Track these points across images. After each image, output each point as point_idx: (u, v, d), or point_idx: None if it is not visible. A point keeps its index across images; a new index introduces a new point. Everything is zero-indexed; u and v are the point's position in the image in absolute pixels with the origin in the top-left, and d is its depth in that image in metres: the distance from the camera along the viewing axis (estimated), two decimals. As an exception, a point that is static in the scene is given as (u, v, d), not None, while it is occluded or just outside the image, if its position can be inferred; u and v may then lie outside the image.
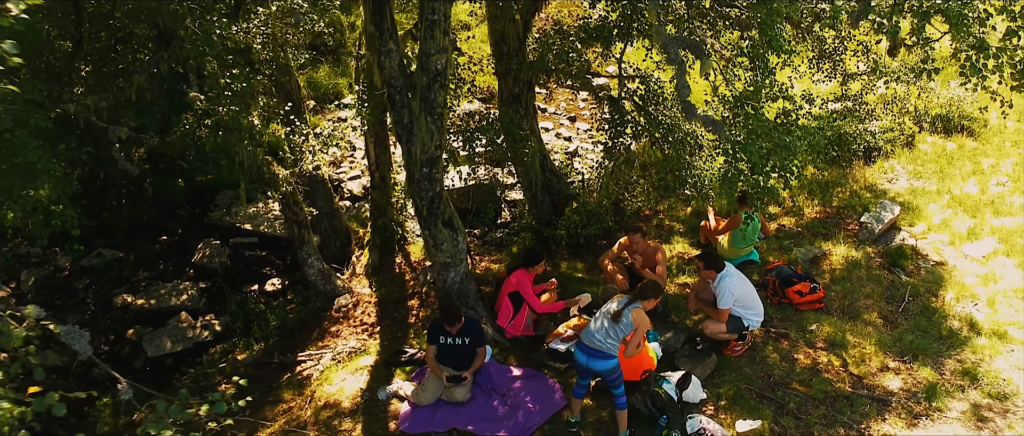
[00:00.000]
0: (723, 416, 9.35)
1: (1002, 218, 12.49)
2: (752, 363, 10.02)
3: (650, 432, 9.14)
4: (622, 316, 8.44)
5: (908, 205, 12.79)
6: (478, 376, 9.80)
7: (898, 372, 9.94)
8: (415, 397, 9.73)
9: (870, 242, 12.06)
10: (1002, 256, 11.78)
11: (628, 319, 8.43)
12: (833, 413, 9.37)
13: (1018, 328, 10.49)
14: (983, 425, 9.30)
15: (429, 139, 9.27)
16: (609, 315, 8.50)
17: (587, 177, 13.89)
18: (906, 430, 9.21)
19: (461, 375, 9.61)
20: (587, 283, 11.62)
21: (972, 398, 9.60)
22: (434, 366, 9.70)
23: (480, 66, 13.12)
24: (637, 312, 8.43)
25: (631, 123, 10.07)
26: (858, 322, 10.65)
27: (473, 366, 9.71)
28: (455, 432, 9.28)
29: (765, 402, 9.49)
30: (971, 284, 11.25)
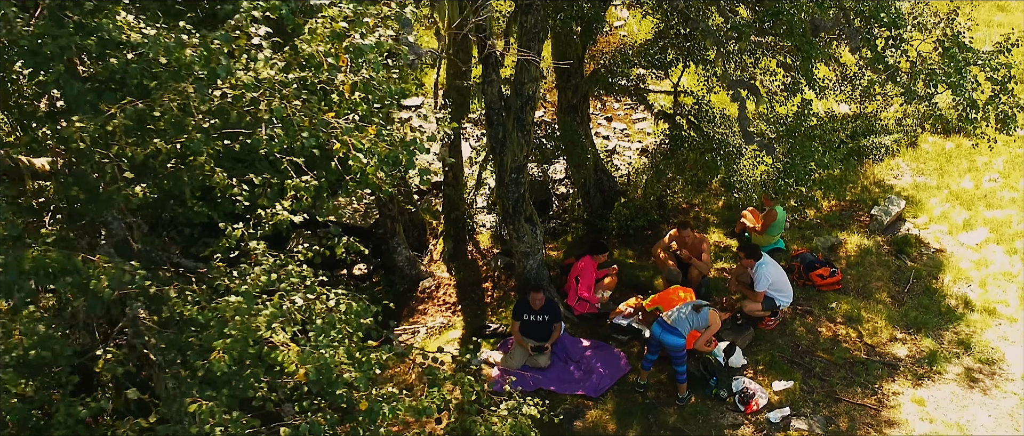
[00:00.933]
0: (761, 378, 11.50)
1: (993, 210, 14.58)
2: (783, 335, 12.16)
3: (702, 391, 11.29)
4: (702, 310, 10.56)
5: (912, 199, 14.87)
6: (555, 346, 11.90)
7: (904, 342, 12.10)
8: (504, 363, 11.83)
9: (879, 232, 14.16)
10: (993, 244, 13.89)
11: (705, 315, 10.55)
12: (851, 375, 11.53)
13: (1005, 306, 12.63)
14: (974, 385, 11.47)
15: (519, 151, 11.32)
16: (691, 306, 10.60)
17: (629, 175, 15.92)
18: (912, 389, 11.37)
19: (543, 345, 11.72)
20: (637, 268, 13.71)
21: (966, 363, 11.77)
22: (520, 338, 11.80)
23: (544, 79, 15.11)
24: (714, 313, 10.58)
25: (686, 138, 12.16)
26: (870, 300, 12.79)
27: (552, 338, 11.81)
28: (541, 392, 11.39)
29: (795, 366, 11.64)
30: (966, 268, 13.37)
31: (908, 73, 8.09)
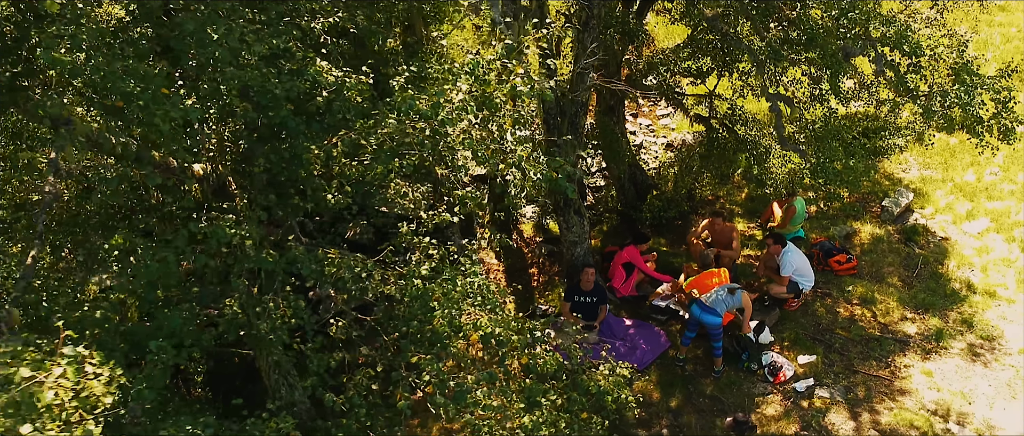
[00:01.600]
0: (787, 352, 13.06)
1: (994, 202, 16.11)
2: (805, 315, 13.71)
3: (735, 364, 12.84)
4: (736, 293, 12.09)
5: (919, 191, 16.39)
6: (602, 325, 13.42)
7: (914, 321, 13.65)
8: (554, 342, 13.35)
9: (890, 222, 15.68)
10: (993, 233, 15.42)
11: (739, 297, 12.09)
12: (867, 350, 13.09)
13: (1004, 289, 14.17)
14: (976, 359, 13.03)
15: (571, 151, 12.81)
16: (726, 289, 12.12)
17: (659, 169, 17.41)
18: (921, 362, 12.94)
19: (591, 324, 13.24)
20: (671, 255, 15.23)
21: (968, 340, 13.33)
22: (570, 317, 13.31)
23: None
24: (746, 295, 12.12)
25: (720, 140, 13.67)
26: (883, 284, 14.33)
27: (599, 318, 13.34)
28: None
29: (817, 342, 13.20)
30: (968, 255, 14.91)
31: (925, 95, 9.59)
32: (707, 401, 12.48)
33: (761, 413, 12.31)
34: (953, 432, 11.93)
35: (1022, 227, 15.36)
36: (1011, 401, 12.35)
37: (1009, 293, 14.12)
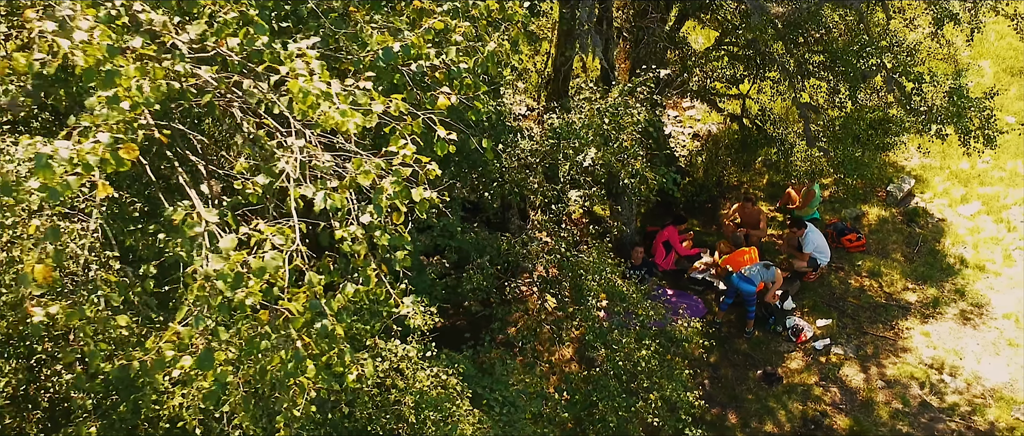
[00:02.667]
0: (807, 317, 15.70)
1: (985, 187, 18.70)
2: (822, 286, 16.33)
3: (764, 327, 15.46)
4: (770, 268, 14.69)
5: (920, 178, 18.98)
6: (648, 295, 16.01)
7: (914, 291, 16.29)
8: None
9: (894, 205, 18.29)
10: (984, 215, 18.03)
11: (773, 272, 14.69)
12: (874, 315, 15.73)
13: (992, 263, 16.79)
14: (967, 322, 15.67)
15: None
16: (762, 264, 14.69)
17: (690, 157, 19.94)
18: (920, 325, 15.58)
19: (641, 294, 15.83)
20: (704, 234, 17.80)
21: (961, 307, 15.97)
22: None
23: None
24: (778, 271, 14.71)
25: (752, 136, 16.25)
26: (888, 259, 16.96)
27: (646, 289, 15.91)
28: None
29: (832, 308, 15.84)
30: (962, 234, 17.53)
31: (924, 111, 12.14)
32: (740, 357, 15.12)
33: (786, 367, 14.97)
34: (946, 382, 14.61)
35: (1009, 210, 17.97)
36: (995, 356, 15.03)
37: (996, 267, 16.75)
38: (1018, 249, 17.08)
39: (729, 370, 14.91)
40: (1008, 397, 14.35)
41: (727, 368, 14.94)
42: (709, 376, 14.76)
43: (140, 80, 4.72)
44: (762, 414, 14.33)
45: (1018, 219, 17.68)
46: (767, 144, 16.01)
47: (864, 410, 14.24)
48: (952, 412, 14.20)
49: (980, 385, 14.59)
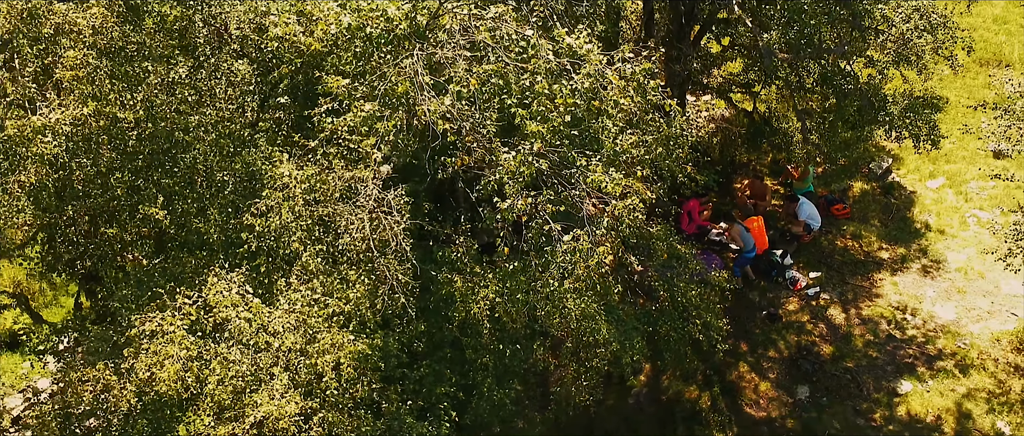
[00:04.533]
0: (802, 270, 20.88)
1: (950, 165, 23.77)
2: (814, 246, 21.49)
3: (768, 279, 20.62)
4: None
5: (896, 157, 24.04)
6: (676, 254, 21.12)
7: (887, 250, 21.46)
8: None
9: (874, 180, 23.37)
10: (947, 188, 23.14)
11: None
12: (855, 269, 20.91)
13: (951, 228, 21.92)
14: (927, 275, 20.86)
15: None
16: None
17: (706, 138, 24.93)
18: (890, 276, 20.77)
19: (671, 253, 20.95)
20: (720, 204, 22.85)
21: (923, 262, 21.15)
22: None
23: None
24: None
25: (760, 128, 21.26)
26: (867, 225, 22.10)
27: (675, 248, 21.03)
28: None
29: (822, 264, 21.02)
30: (928, 204, 22.65)
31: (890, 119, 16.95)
32: (749, 302, 20.31)
33: (785, 309, 20.19)
34: (908, 320, 19.86)
35: (968, 184, 23.10)
36: (947, 301, 20.24)
37: (953, 231, 21.93)
38: (971, 216, 22.26)
39: (741, 311, 20.07)
40: (954, 331, 19.59)
41: (740, 310, 20.09)
42: (726, 316, 19.92)
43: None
44: (766, 344, 19.59)
45: (974, 191, 22.84)
46: (772, 135, 21.04)
47: (844, 340, 19.49)
48: (911, 342, 19.46)
49: (933, 322, 19.82)
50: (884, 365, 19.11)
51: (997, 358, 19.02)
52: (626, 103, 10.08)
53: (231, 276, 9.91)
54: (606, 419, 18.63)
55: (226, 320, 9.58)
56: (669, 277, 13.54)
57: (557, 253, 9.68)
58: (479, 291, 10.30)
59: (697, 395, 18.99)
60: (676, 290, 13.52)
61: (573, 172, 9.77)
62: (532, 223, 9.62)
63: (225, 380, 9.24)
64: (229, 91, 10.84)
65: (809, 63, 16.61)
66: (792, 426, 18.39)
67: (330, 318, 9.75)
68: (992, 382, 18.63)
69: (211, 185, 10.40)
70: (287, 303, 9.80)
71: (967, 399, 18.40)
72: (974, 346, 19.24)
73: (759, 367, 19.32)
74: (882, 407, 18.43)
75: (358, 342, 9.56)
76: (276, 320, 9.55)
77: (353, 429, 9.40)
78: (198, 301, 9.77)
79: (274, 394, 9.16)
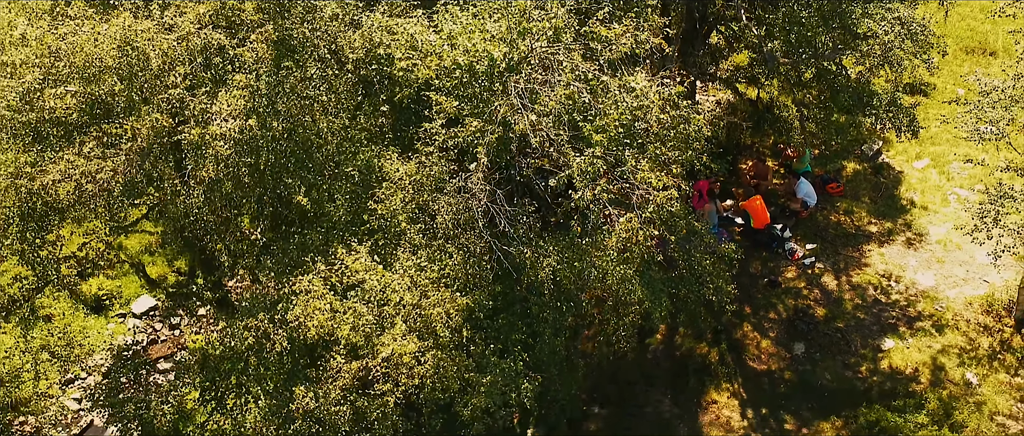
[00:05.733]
0: (799, 243, 24.38)
1: (935, 147, 27.22)
2: (811, 221, 24.99)
3: (770, 250, 24.10)
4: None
5: (886, 140, 27.45)
6: (688, 228, 24.57)
7: (876, 225, 24.95)
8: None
9: (866, 161, 26.82)
10: (932, 168, 26.61)
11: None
12: (847, 241, 24.47)
13: (933, 204, 25.42)
14: (911, 246, 24.41)
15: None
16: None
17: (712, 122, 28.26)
18: (878, 248, 24.30)
19: (683, 227, 24.40)
20: (726, 183, 26.27)
21: (907, 235, 24.67)
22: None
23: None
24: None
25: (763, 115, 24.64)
26: (858, 202, 25.57)
27: (687, 223, 24.48)
28: (684, 251, 24.11)
29: (817, 237, 24.54)
30: (914, 183, 26.11)
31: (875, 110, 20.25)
32: (752, 271, 23.80)
33: (783, 276, 23.74)
34: (892, 286, 23.39)
35: (950, 164, 26.55)
36: (927, 270, 23.77)
37: (936, 207, 25.42)
38: (952, 193, 25.76)
39: (745, 279, 23.57)
40: (932, 296, 23.13)
41: (744, 277, 23.58)
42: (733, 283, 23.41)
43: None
44: (767, 307, 23.14)
45: (956, 171, 26.30)
46: (773, 122, 24.43)
47: (835, 304, 23.04)
48: (894, 305, 23.01)
49: (915, 288, 23.36)
50: (870, 325, 22.65)
51: (969, 319, 22.57)
52: (665, 117, 13.45)
53: (360, 248, 13.25)
54: (628, 371, 22.19)
55: (360, 281, 12.94)
56: (687, 249, 16.86)
57: (615, 231, 13.08)
58: (543, 260, 13.68)
59: (707, 351, 22.53)
60: (693, 260, 16.85)
61: (624, 170, 13.13)
62: (592, 207, 12.96)
63: (357, 327, 12.61)
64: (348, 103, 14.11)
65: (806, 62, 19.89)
66: (789, 377, 21.94)
67: (437, 281, 13.10)
68: (963, 340, 22.17)
69: (338, 177, 13.74)
70: (401, 269, 13.16)
71: (941, 354, 21.95)
72: (949, 309, 22.78)
73: (761, 327, 22.84)
74: (868, 361, 21.97)
75: (460, 298, 12.98)
76: (395, 281, 12.91)
77: (454, 363, 12.87)
78: (339, 267, 13.12)
79: (396, 337, 12.54)
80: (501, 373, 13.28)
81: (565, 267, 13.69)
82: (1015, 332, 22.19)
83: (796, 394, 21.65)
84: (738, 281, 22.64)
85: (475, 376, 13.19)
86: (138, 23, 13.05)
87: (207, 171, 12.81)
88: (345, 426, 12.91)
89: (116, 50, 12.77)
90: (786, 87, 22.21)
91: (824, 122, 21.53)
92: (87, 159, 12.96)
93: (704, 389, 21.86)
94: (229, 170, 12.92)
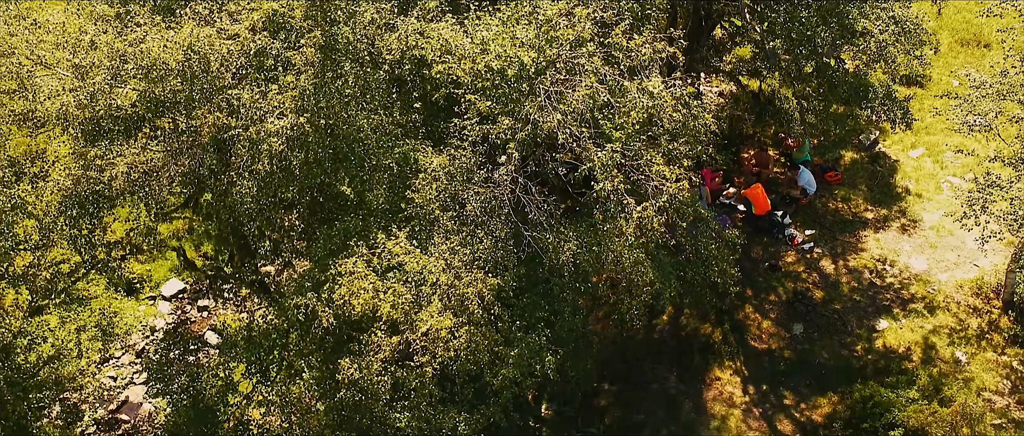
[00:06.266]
0: (799, 228, 25.99)
1: (930, 136, 28.76)
2: (810, 208, 26.58)
3: (770, 235, 25.67)
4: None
5: (883, 129, 28.97)
6: (693, 214, 26.12)
7: (872, 211, 26.54)
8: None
9: (863, 150, 28.35)
10: (926, 157, 28.16)
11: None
12: (844, 227, 26.14)
13: (927, 192, 27.01)
14: (905, 232, 26.01)
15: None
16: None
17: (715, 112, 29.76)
18: (874, 234, 25.89)
19: (688, 213, 25.96)
20: (729, 172, 27.80)
21: (902, 222, 26.26)
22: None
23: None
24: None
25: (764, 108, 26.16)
26: (855, 189, 27.14)
27: (692, 210, 26.03)
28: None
29: (816, 223, 26.15)
30: (909, 171, 27.67)
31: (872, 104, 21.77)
32: (754, 256, 25.37)
33: (784, 260, 25.35)
34: (887, 270, 24.99)
35: (944, 153, 28.08)
36: (921, 254, 25.37)
37: (929, 195, 27.01)
38: (946, 181, 27.33)
39: (747, 263, 25.15)
40: (925, 279, 24.74)
41: (746, 262, 25.17)
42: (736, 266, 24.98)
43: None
44: (768, 289, 24.76)
45: (949, 160, 27.85)
46: (775, 114, 25.95)
47: (833, 287, 24.66)
48: (888, 288, 24.62)
49: (908, 272, 24.95)
50: (866, 307, 24.26)
51: (959, 301, 24.18)
52: (677, 116, 14.99)
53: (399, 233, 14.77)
54: (636, 349, 23.81)
55: (400, 264, 14.46)
56: (694, 234, 18.38)
57: (632, 218, 14.65)
58: (564, 245, 15.21)
59: (710, 331, 24.15)
60: (700, 244, 18.38)
61: (640, 163, 14.68)
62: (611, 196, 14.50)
63: (396, 305, 14.15)
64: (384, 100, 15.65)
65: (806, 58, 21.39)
66: (788, 356, 23.57)
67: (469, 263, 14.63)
68: (954, 320, 23.79)
69: (377, 168, 15.25)
70: (437, 252, 14.70)
71: (933, 334, 23.58)
72: (941, 291, 24.40)
73: (762, 308, 24.44)
74: (863, 341, 23.60)
75: (491, 279, 14.51)
76: (431, 263, 14.45)
77: (484, 337, 14.43)
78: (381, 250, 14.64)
79: (433, 314, 14.09)
80: (527, 347, 14.90)
81: (584, 251, 15.23)
82: (1002, 313, 23.80)
83: (795, 371, 23.28)
84: (740, 265, 24.22)
85: (503, 349, 14.79)
86: (200, 29, 14.54)
87: (263, 164, 14.34)
88: (385, 394, 14.52)
89: (181, 54, 14.28)
90: (787, 80, 23.70)
91: (823, 113, 23.06)
92: (153, 153, 14.51)
93: (708, 367, 23.50)
94: (282, 163, 14.46)
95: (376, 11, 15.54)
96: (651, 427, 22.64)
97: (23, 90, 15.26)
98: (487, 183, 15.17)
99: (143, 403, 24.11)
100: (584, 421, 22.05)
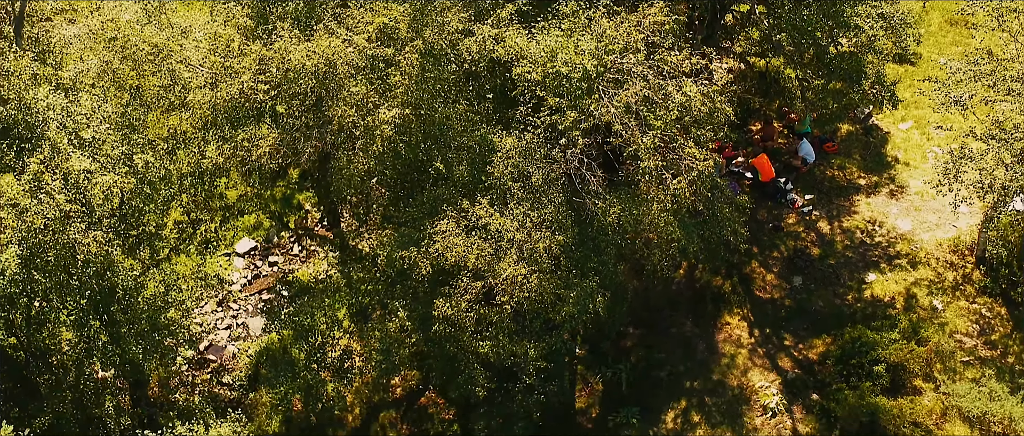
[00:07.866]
0: (799, 194, 30.87)
1: (918, 110, 33.40)
2: (809, 176, 31.44)
3: (774, 200, 30.39)
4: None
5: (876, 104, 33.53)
6: (706, 181, 30.80)
7: (865, 178, 31.42)
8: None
9: (858, 123, 33.06)
10: (915, 130, 32.88)
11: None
12: (840, 192, 31.16)
13: (915, 161, 31.90)
14: (893, 197, 30.96)
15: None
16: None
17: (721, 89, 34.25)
18: (866, 198, 30.80)
19: (702, 180, 30.64)
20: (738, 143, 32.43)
21: (891, 187, 31.17)
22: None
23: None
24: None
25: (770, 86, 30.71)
26: (850, 158, 31.92)
27: (705, 177, 30.71)
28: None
29: (815, 188, 31.03)
30: (899, 142, 32.40)
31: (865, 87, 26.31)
32: (759, 218, 30.12)
33: (785, 221, 30.26)
34: (876, 230, 29.89)
35: (931, 125, 32.70)
36: (906, 217, 30.25)
37: (916, 163, 31.86)
38: (931, 151, 32.06)
39: (753, 224, 29.95)
40: (909, 238, 29.68)
41: (753, 223, 29.97)
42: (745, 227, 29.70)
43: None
44: (771, 247, 29.70)
45: (934, 132, 32.50)
46: (779, 90, 30.57)
47: (829, 245, 29.56)
48: (877, 246, 29.57)
49: (895, 232, 29.82)
50: (857, 262, 29.17)
51: (938, 257, 29.06)
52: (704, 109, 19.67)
53: (482, 200, 19.44)
54: (656, 299, 28.74)
55: (485, 225, 19.12)
56: (711, 200, 23.07)
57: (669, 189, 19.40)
58: (611, 209, 19.88)
59: (721, 283, 29.05)
60: (716, 208, 23.09)
61: (675, 146, 19.37)
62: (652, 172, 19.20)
63: (480, 257, 18.85)
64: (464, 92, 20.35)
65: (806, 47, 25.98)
66: (788, 304, 28.52)
67: (538, 224, 19.32)
68: (933, 274, 28.70)
69: (462, 148, 19.96)
70: (511, 215, 19.38)
71: (914, 285, 28.51)
72: (923, 249, 29.26)
73: (766, 263, 29.32)
74: (853, 291, 28.54)
75: (557, 236, 19.25)
76: (508, 223, 19.14)
77: (549, 282, 19.14)
78: (469, 213, 19.30)
79: (510, 264, 18.79)
80: (582, 290, 19.65)
81: (626, 214, 19.96)
82: (975, 268, 28.65)
83: (794, 317, 28.26)
84: (748, 226, 29.01)
85: (564, 292, 19.56)
86: (331, 39, 19.10)
87: (377, 146, 18.97)
88: (471, 326, 19.32)
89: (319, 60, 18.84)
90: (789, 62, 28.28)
91: (821, 91, 27.68)
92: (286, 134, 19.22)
93: (719, 313, 28.44)
94: (391, 145, 19.12)
95: (458, 20, 20.01)
96: (670, 364, 27.61)
97: (173, 84, 19.83)
98: (547, 159, 19.77)
99: (226, 345, 28.84)
100: (613, 359, 26.96)
